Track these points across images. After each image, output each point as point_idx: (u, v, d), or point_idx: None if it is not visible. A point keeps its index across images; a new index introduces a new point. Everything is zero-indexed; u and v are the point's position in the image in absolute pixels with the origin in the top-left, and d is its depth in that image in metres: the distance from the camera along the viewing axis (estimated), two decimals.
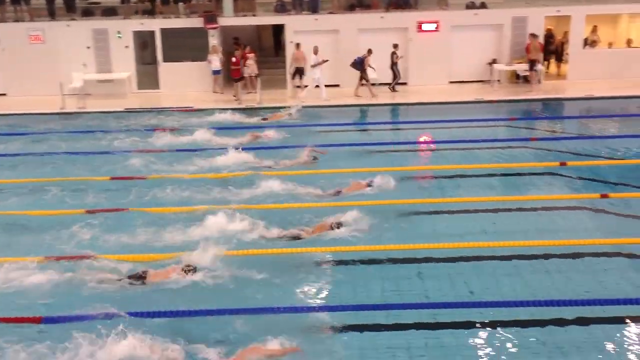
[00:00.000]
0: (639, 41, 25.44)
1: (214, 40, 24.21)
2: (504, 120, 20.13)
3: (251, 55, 23.47)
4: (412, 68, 24.47)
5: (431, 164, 16.27)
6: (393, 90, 23.62)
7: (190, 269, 10.04)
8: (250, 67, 23.35)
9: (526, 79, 23.92)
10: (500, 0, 25.44)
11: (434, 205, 13.01)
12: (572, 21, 24.24)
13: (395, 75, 23.58)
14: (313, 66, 22.83)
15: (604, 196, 13.05)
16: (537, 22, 24.12)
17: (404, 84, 23.99)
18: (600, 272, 10.18)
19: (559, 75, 25.17)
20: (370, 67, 22.62)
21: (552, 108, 21.59)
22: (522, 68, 23.94)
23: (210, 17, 24.17)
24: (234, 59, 23.01)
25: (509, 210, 12.67)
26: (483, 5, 24.76)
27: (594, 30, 24.84)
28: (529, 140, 17.43)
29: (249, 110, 21.23)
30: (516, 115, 20.53)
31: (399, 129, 20.60)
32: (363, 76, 22.77)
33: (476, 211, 12.56)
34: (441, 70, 24.32)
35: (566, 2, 24.70)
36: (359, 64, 22.71)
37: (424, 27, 24.34)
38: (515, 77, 24.51)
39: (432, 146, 17.83)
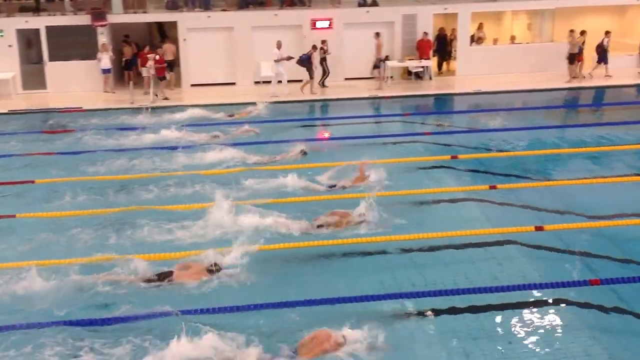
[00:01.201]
0: (521, 37, 26.70)
1: (103, 38, 23.46)
2: (398, 115, 20.58)
3: (151, 55, 22.64)
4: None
5: (327, 160, 16.21)
6: (323, 85, 23.80)
7: (216, 268, 9.82)
8: (151, 68, 22.48)
9: (418, 75, 24.58)
10: None
11: None
12: (459, 18, 25.09)
13: (324, 71, 23.71)
14: (277, 61, 22.68)
15: (492, 187, 13.60)
16: (426, 19, 24.83)
17: (299, 81, 24.12)
18: (490, 261, 10.57)
19: (449, 72, 25.99)
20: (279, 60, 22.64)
21: (443, 103, 22.30)
22: (413, 65, 24.58)
23: (99, 15, 23.41)
24: (157, 57, 22.18)
25: (403, 203, 12.92)
26: (374, 3, 25.22)
27: (480, 27, 25.85)
28: (423, 135, 17.91)
29: (141, 110, 20.63)
30: (410, 110, 21.03)
31: (307, 126, 20.35)
32: (309, 73, 22.86)
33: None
34: (336, 67, 24.61)
35: (452, 0, 25.57)
36: (306, 61, 22.80)
37: (318, 24, 24.56)
38: (407, 74, 25.12)
39: (332, 142, 17.83)
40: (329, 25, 24.58)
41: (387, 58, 23.80)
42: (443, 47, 25.44)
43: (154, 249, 10.77)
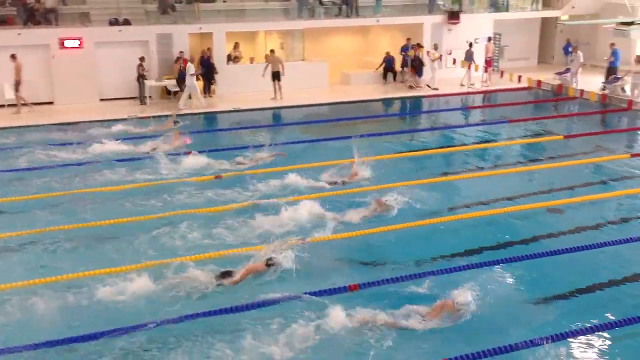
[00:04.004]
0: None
1: None
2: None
3: None
4: (58, 86, 23.37)
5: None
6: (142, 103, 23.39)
7: (272, 262, 10.55)
8: None
9: (177, 95, 24.38)
10: (143, 17, 25.51)
11: None
12: (214, 38, 25.33)
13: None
14: (192, 75, 22.85)
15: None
16: (182, 38, 24.74)
17: (50, 103, 22.71)
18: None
19: (209, 93, 25.77)
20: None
21: (207, 122, 22.28)
22: (172, 84, 24.33)
23: None
24: None
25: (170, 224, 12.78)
26: (126, 22, 24.55)
27: (236, 46, 26.30)
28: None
29: None
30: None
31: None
32: (181, 87, 23.25)
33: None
34: (89, 87, 23.64)
35: (208, 19, 25.77)
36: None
37: (67, 43, 23.34)
38: (167, 93, 24.78)
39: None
40: (79, 44, 23.46)
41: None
42: (208, 68, 25.16)
43: (203, 249, 11.49)
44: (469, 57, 26.80)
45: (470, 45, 26.96)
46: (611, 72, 25.16)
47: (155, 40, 24.47)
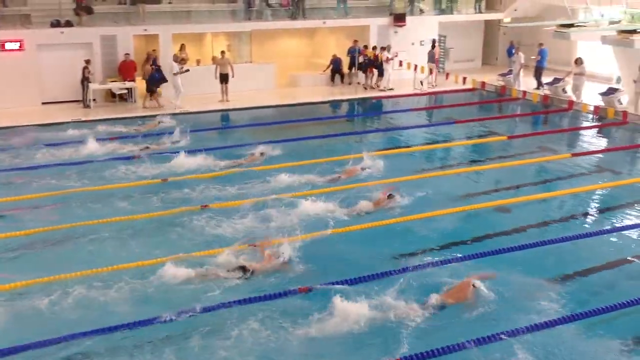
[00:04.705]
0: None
1: None
2: (102, 140, 19.67)
3: None
4: None
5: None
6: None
7: (281, 253, 11.05)
8: None
9: (122, 97, 23.99)
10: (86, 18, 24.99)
11: None
12: (160, 40, 25.01)
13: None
14: (175, 74, 22.94)
15: (204, 207, 13.76)
16: (126, 40, 24.34)
17: None
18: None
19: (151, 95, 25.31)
20: None
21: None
22: (117, 87, 23.92)
23: None
24: None
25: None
26: (68, 24, 23.98)
27: (182, 48, 25.99)
28: (133, 159, 17.40)
29: None
30: (115, 135, 20.22)
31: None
32: (151, 88, 23.50)
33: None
34: (31, 91, 23.02)
35: (153, 21, 25.42)
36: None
37: (7, 46, 22.71)
38: (111, 96, 24.35)
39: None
40: (20, 47, 22.86)
41: None
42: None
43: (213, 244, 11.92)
44: (431, 57, 27.24)
45: (433, 45, 27.40)
46: (538, 71, 26.13)
47: (99, 42, 24.00)
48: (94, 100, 23.49)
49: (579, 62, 24.23)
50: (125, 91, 24.10)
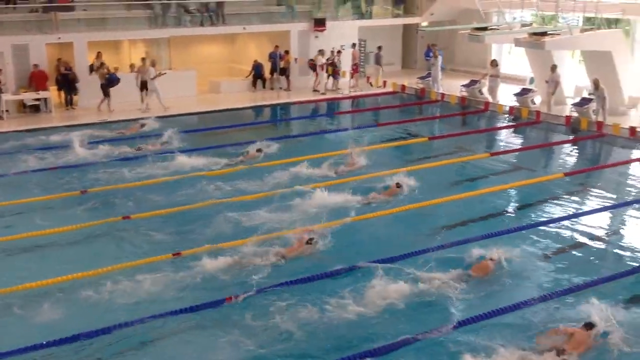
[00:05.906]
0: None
1: None
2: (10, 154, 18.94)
3: None
4: None
5: None
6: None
7: (313, 239, 11.96)
8: None
9: (35, 108, 23.23)
10: None
11: None
12: (75, 48, 24.33)
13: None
14: (153, 78, 23.35)
15: (125, 218, 13.45)
16: (39, 49, 23.58)
17: None
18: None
19: (71, 104, 24.64)
20: None
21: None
22: (30, 97, 23.13)
23: None
24: None
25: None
26: None
27: (99, 56, 25.31)
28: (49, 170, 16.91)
29: None
30: (30, 146, 19.50)
31: None
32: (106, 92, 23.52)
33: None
34: None
35: (67, 29, 24.70)
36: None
37: None
38: (23, 107, 23.50)
39: None
40: None
41: None
42: (67, 80, 24.12)
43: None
44: (377, 60, 27.58)
45: (379, 48, 27.77)
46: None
47: (10, 52, 23.16)
48: (6, 111, 22.63)
49: (494, 64, 24.98)
50: (38, 102, 23.33)
